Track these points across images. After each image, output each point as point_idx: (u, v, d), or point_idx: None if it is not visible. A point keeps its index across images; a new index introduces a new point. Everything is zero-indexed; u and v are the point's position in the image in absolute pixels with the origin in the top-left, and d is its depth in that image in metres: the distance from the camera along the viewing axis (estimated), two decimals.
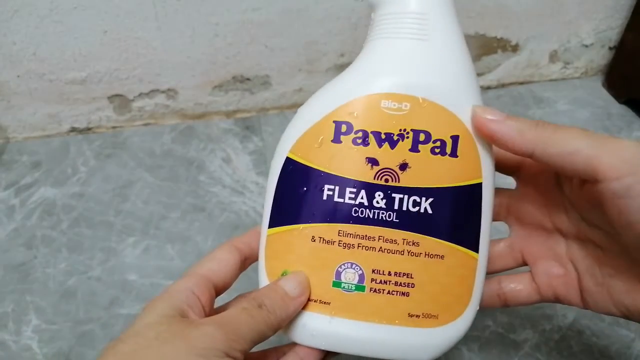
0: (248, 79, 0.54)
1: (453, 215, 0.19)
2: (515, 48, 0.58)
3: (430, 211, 0.18)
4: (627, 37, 0.56)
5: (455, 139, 0.18)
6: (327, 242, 0.18)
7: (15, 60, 0.48)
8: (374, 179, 0.18)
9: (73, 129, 0.55)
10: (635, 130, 0.54)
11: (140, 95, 0.53)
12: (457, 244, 0.18)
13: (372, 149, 0.18)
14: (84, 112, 0.53)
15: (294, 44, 0.52)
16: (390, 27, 0.19)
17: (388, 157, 0.18)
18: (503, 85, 0.60)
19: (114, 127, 0.55)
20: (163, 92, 0.53)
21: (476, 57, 0.57)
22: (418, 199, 0.18)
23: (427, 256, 0.18)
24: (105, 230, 0.44)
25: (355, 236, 0.18)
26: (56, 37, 0.47)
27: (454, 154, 0.18)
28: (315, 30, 0.51)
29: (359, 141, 0.18)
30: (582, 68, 0.61)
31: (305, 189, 0.19)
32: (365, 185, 0.18)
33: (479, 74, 0.59)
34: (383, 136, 0.18)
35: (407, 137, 0.18)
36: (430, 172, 0.18)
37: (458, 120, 0.18)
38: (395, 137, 0.18)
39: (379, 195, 0.18)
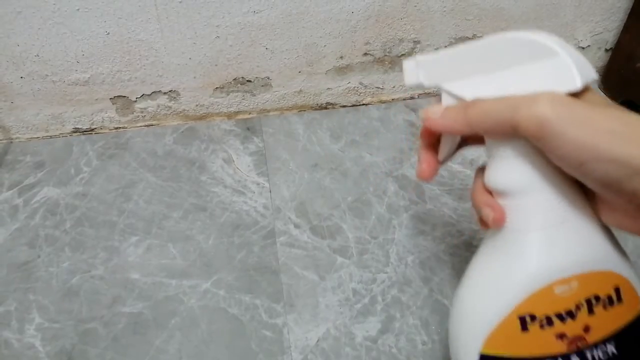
0: (249, 81, 0.55)
1: (633, 345, 0.22)
2: None
3: (616, 352, 0.22)
4: (623, 39, 0.56)
5: (617, 289, 0.22)
6: None
7: (19, 62, 0.49)
8: (567, 349, 0.22)
9: (76, 130, 0.55)
10: None
11: (143, 96, 0.54)
12: None
13: (558, 327, 0.21)
14: (86, 113, 0.54)
15: (294, 46, 0.53)
16: (531, 219, 0.22)
17: (573, 328, 0.21)
18: None
19: (116, 128, 0.56)
20: (165, 93, 0.54)
21: None
22: (604, 348, 0.22)
23: None
24: (108, 230, 0.45)
25: None
26: (59, 39, 0.48)
27: (619, 300, 0.22)
28: (315, 32, 0.52)
29: (545, 325, 0.21)
30: None
31: None
32: (562, 356, 0.22)
33: None
34: (564, 314, 0.21)
35: (582, 306, 0.21)
36: (607, 322, 0.22)
37: (614, 274, 0.22)
38: (574, 311, 0.21)
39: (574, 358, 0.22)
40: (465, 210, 0.46)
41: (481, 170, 0.25)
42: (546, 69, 0.20)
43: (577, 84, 0.20)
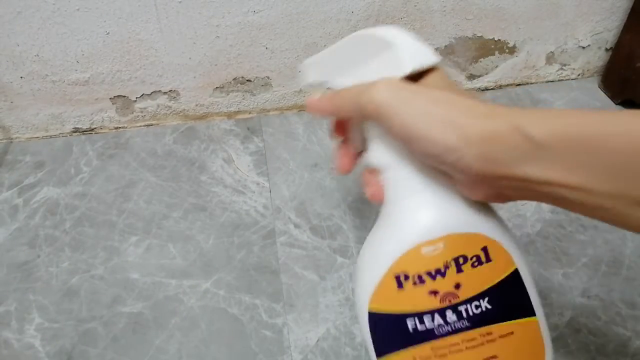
0: (249, 81, 0.55)
1: (507, 301, 0.24)
2: (512, 50, 0.58)
3: (489, 306, 0.24)
4: (624, 39, 0.56)
5: (485, 249, 0.24)
6: (425, 357, 0.24)
7: (19, 62, 0.49)
8: (440, 303, 0.24)
9: (76, 130, 0.55)
10: None
11: (143, 96, 0.54)
12: (518, 318, 0.24)
13: (430, 284, 0.24)
14: (86, 112, 0.54)
15: (294, 46, 0.53)
16: (398, 189, 0.25)
17: (443, 284, 0.23)
18: (500, 87, 0.61)
19: (116, 128, 0.56)
20: (165, 93, 0.54)
21: (474, 59, 0.58)
22: (478, 303, 0.24)
23: (501, 338, 0.24)
24: (108, 230, 0.45)
25: (444, 347, 0.24)
26: (59, 39, 0.48)
27: (488, 259, 0.24)
28: (315, 32, 0.52)
29: (418, 282, 0.24)
30: (579, 69, 0.62)
31: (393, 327, 0.24)
32: (436, 311, 0.24)
33: (476, 76, 0.60)
34: (433, 272, 0.24)
35: (451, 265, 0.23)
36: (478, 280, 0.24)
37: (481, 236, 0.24)
38: (443, 269, 0.23)
39: (449, 312, 0.23)
40: None
41: None
42: (387, 59, 0.24)
43: (406, 69, 0.23)
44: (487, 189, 0.21)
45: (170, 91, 0.54)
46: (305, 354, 0.36)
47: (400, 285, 0.24)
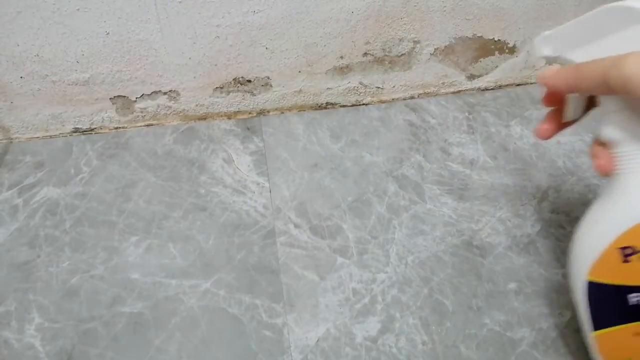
0: (249, 81, 0.55)
1: None
2: (512, 50, 0.58)
3: None
4: None
5: None
6: None
7: (19, 62, 0.49)
8: None
9: (76, 130, 0.55)
10: None
11: (143, 96, 0.54)
12: None
13: None
14: (86, 113, 0.54)
15: (294, 46, 0.53)
16: (634, 163, 0.25)
17: None
18: (500, 87, 0.61)
19: (116, 128, 0.56)
20: (165, 93, 0.54)
21: (474, 59, 0.58)
22: None
23: None
24: (108, 230, 0.45)
25: None
26: (59, 39, 0.48)
27: None
28: (315, 32, 0.52)
29: None
30: None
31: (614, 300, 0.24)
32: None
33: (476, 76, 0.60)
34: None
35: None
36: None
37: None
38: None
39: None
40: (465, 210, 0.46)
41: None
42: (638, 32, 0.24)
43: None
44: None
45: (170, 91, 0.54)
46: (305, 354, 0.36)
47: (625, 258, 0.23)
